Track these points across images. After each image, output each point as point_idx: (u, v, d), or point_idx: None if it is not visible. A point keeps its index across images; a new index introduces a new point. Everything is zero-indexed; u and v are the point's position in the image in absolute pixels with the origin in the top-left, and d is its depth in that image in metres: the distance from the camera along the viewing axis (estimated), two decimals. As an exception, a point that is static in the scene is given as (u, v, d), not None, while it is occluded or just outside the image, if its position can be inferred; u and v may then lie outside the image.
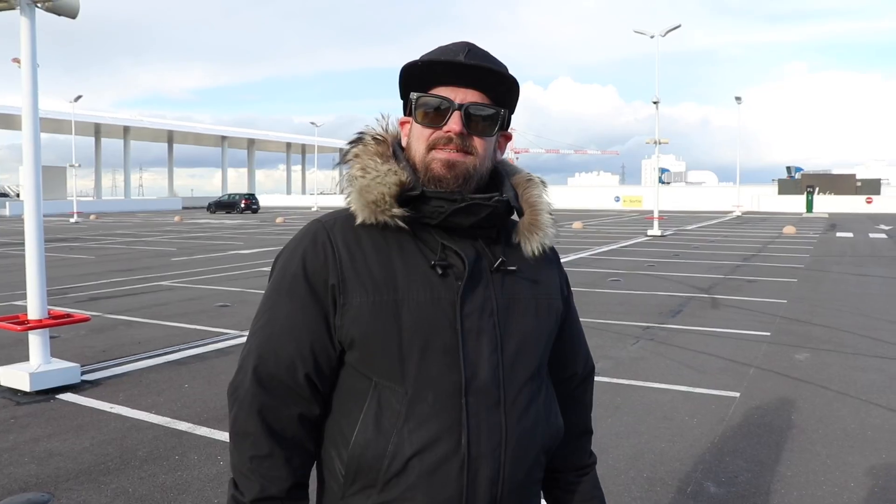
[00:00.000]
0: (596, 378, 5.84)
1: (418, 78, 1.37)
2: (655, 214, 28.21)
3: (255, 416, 1.33)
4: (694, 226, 33.90)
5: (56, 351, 7.00)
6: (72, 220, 40.25)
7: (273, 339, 1.35)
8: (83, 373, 6.50)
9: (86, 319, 6.84)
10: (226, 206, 56.44)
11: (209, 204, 57.97)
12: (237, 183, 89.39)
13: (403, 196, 1.33)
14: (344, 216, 1.38)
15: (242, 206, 55.44)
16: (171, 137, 73.39)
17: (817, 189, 56.06)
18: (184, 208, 65.50)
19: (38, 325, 6.17)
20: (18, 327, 6.15)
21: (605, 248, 20.76)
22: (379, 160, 1.36)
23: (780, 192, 61.59)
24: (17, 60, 6.34)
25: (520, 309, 1.38)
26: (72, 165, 46.58)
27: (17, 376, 6.08)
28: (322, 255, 1.34)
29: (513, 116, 1.46)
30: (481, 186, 1.39)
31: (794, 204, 54.59)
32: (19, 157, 61.57)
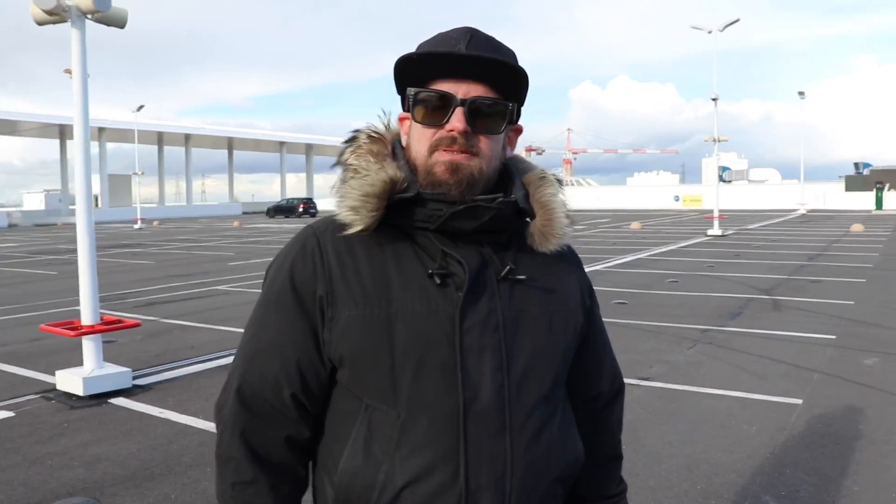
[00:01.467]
0: (650, 384, 5.59)
1: (416, 71, 1.23)
2: (715, 214, 27.51)
3: (237, 438, 1.23)
4: (756, 225, 32.99)
5: (112, 355, 7.12)
6: (136, 226, 41.38)
7: (258, 355, 1.25)
8: (135, 377, 6.58)
9: (137, 325, 6.93)
10: (284, 210, 57.22)
11: (268, 209, 58.87)
12: (296, 187, 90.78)
13: (396, 198, 1.20)
14: (338, 221, 1.26)
15: (301, 210, 56.10)
16: (230, 144, 74.84)
17: (887, 185, 53.88)
18: (244, 213, 66.72)
19: (91, 330, 6.27)
20: (72, 333, 6.26)
21: (663, 249, 20.30)
22: (372, 159, 1.24)
23: (848, 188, 59.39)
24: (68, 71, 6.46)
25: (531, 323, 1.24)
26: (135, 173, 47.92)
27: (71, 381, 6.18)
28: (311, 265, 1.23)
29: (523, 108, 1.31)
30: (489, 187, 1.26)
31: (863, 201, 52.62)
32: (91, 167, 63.64)
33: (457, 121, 1.19)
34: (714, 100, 28.16)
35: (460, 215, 1.20)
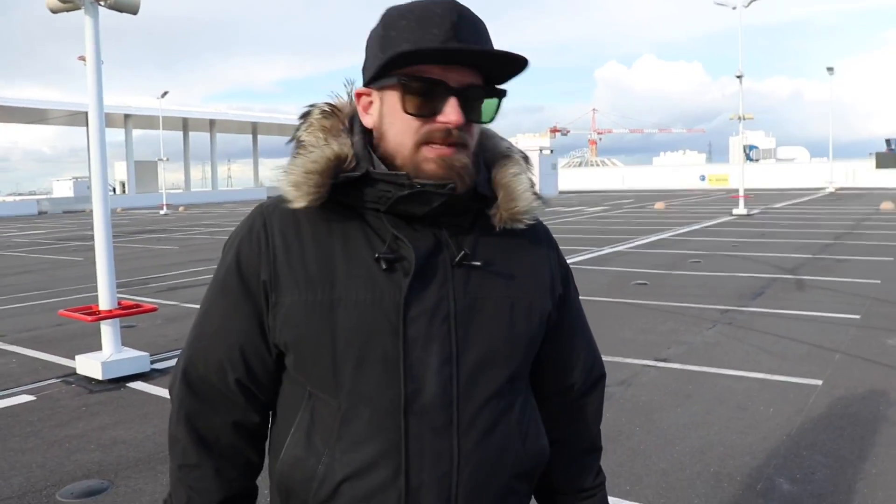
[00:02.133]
0: (667, 365, 5.51)
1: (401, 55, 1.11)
2: (741, 193, 27.15)
3: (183, 421, 1.21)
4: (782, 204, 32.52)
5: (131, 340, 7.20)
6: (161, 211, 41.79)
7: (203, 338, 1.22)
8: (153, 361, 6.64)
9: (153, 310, 6.99)
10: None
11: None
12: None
13: (342, 177, 1.13)
14: (284, 199, 1.19)
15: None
16: (255, 129, 75.15)
17: (919, 162, 52.87)
18: (269, 198, 67.13)
19: (109, 315, 6.33)
20: (89, 318, 6.33)
21: (687, 229, 20.08)
22: (322, 136, 1.16)
23: (878, 166, 58.25)
24: (82, 58, 6.49)
25: (487, 311, 1.17)
26: (161, 159, 48.33)
27: (90, 365, 6.26)
28: (256, 246, 1.18)
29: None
30: None
31: (894, 178, 51.66)
32: (117, 154, 64.55)
33: (454, 114, 1.10)
34: (739, 77, 27.70)
35: (408, 199, 1.12)
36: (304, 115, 1.21)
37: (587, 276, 11.48)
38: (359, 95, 1.20)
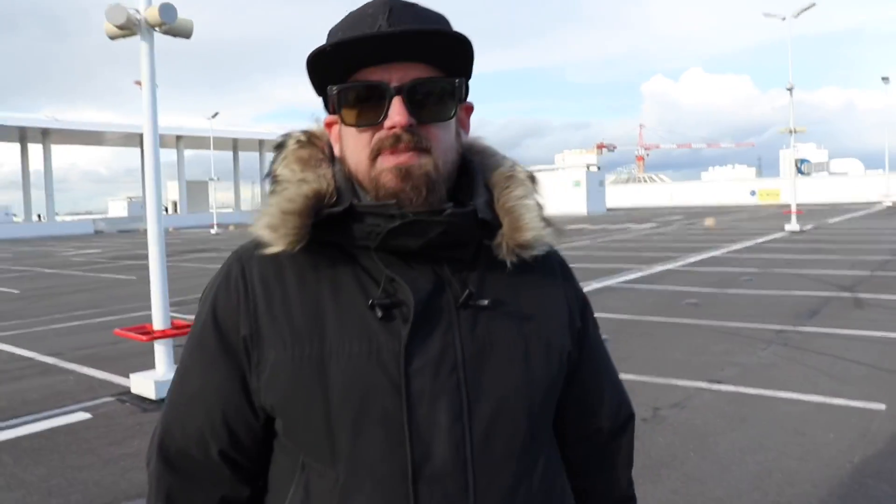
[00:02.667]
0: (721, 387, 5.37)
1: (334, 64, 1.01)
2: (793, 208, 26.58)
3: (163, 501, 1.07)
4: (836, 219, 31.74)
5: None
6: (212, 231, 42.58)
7: (181, 405, 1.08)
8: (205, 380, 6.73)
9: (206, 329, 7.09)
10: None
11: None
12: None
13: (324, 213, 1.01)
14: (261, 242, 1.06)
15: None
16: (302, 148, 76.39)
17: (981, 174, 51.09)
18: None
19: (162, 335, 6.44)
20: (144, 337, 6.45)
21: (737, 246, 19.71)
22: (299, 168, 1.04)
23: (938, 179, 56.52)
24: (138, 83, 6.66)
25: (500, 357, 1.02)
26: (211, 179, 49.36)
27: (144, 384, 6.37)
28: (234, 297, 1.04)
29: (471, 83, 1.09)
30: (449, 187, 1.06)
31: (955, 191, 50.03)
32: (169, 174, 66.05)
33: (397, 115, 0.98)
34: (789, 89, 27.22)
35: (400, 232, 0.99)
36: (279, 146, 1.10)
37: (637, 296, 11.33)
38: (328, 125, 1.10)
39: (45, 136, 53.56)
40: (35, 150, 56.30)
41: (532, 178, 1.11)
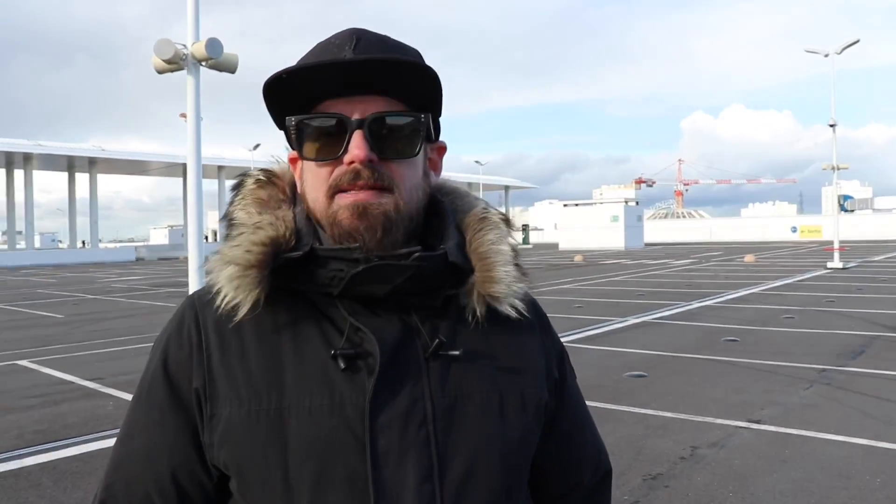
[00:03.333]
0: (761, 427, 5.29)
1: (295, 94, 0.96)
2: (836, 245, 26.08)
3: None
4: (881, 256, 31.05)
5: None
6: (251, 259, 43.06)
7: (126, 463, 1.00)
8: (240, 408, 6.79)
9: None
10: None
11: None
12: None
13: (282, 258, 0.94)
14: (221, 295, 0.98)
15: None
16: (340, 180, 77.28)
17: None
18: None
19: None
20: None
21: (778, 283, 19.37)
22: (256, 210, 0.98)
23: None
24: (184, 115, 6.85)
25: (473, 410, 0.96)
26: (251, 209, 50.06)
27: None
28: (186, 346, 0.97)
29: (440, 121, 1.05)
30: (414, 231, 1.00)
31: None
32: (210, 203, 67.23)
33: (356, 148, 0.92)
34: (832, 126, 26.87)
35: (365, 277, 0.93)
36: (237, 186, 1.05)
37: (675, 332, 11.18)
38: (292, 161, 1.05)
39: (92, 165, 54.97)
40: (82, 178, 57.81)
41: (506, 221, 1.06)
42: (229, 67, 6.81)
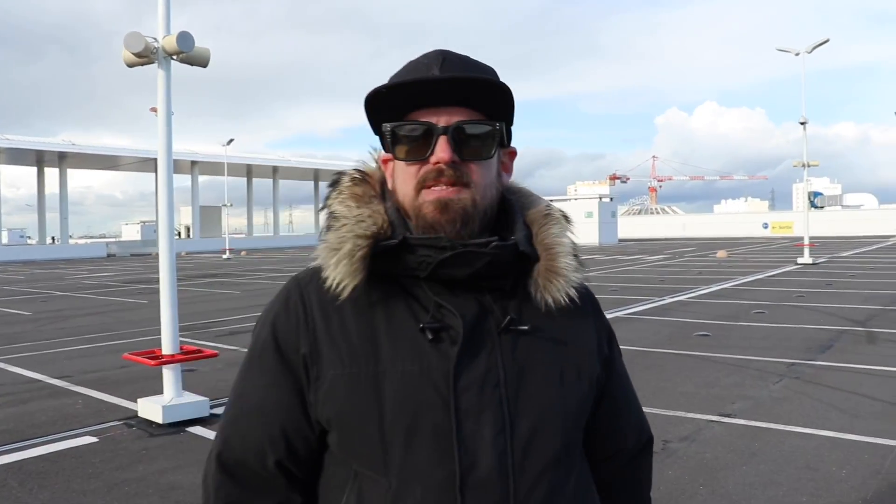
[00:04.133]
0: (731, 420, 5.36)
1: (390, 105, 1.13)
2: (806, 241, 26.45)
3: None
4: (850, 252, 31.53)
5: (192, 384, 7.31)
6: (224, 256, 42.76)
7: (240, 419, 1.17)
8: (212, 406, 6.71)
9: (214, 355, 7.09)
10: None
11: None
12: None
13: (380, 246, 1.10)
14: (324, 276, 1.15)
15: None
16: (317, 176, 76.74)
17: None
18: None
19: (171, 360, 6.45)
20: (152, 362, 6.45)
21: (750, 278, 19.60)
22: (354, 204, 1.14)
23: (953, 213, 56.20)
24: (154, 109, 6.75)
25: (538, 378, 1.12)
26: (225, 205, 49.65)
27: (151, 409, 6.36)
28: (294, 319, 1.14)
29: (513, 129, 1.21)
30: (487, 224, 1.16)
31: (970, 227, 49.69)
32: (183, 199, 66.59)
33: (441, 151, 1.09)
34: (803, 124, 27.22)
35: (450, 262, 1.09)
36: (334, 183, 1.20)
37: (648, 327, 11.27)
38: (384, 162, 1.20)
39: (62, 159, 54.18)
40: (51, 173, 56.93)
41: (566, 218, 1.22)
42: (201, 61, 6.71)
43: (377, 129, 1.17)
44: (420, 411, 1.06)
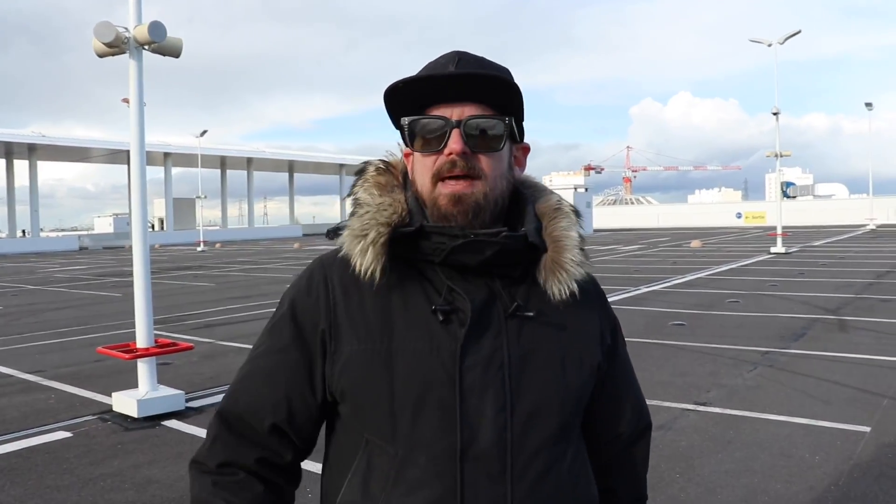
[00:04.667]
0: (707, 409, 5.40)
1: (409, 101, 1.21)
2: (779, 231, 26.78)
3: (209, 449, 1.25)
4: (821, 241, 31.98)
5: (167, 378, 7.24)
6: (199, 248, 42.38)
7: (248, 379, 1.26)
8: (188, 400, 6.66)
9: (189, 348, 7.04)
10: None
11: (328, 230, 58.90)
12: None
13: (399, 232, 1.19)
14: (347, 258, 1.23)
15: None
16: (291, 167, 76.30)
17: (963, 199, 51.71)
18: (304, 235, 67.51)
19: (145, 353, 6.38)
20: (126, 356, 6.38)
21: (723, 268, 19.80)
22: (377, 192, 1.23)
23: (921, 203, 57.10)
24: (126, 100, 6.65)
25: (540, 361, 1.20)
26: (199, 197, 49.19)
27: (126, 403, 6.30)
28: (315, 297, 1.23)
29: (524, 124, 1.28)
30: (499, 214, 1.23)
31: (937, 216, 50.58)
32: (156, 191, 65.83)
33: (454, 143, 1.16)
34: (775, 114, 27.50)
35: (462, 249, 1.16)
36: (360, 172, 1.28)
37: (623, 317, 11.26)
38: (406, 155, 1.28)
39: (32, 151, 53.25)
40: (21, 165, 55.98)
41: (576, 213, 1.29)
42: (173, 52, 6.62)
43: (397, 124, 1.24)
44: (428, 386, 1.14)
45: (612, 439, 1.38)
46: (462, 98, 1.19)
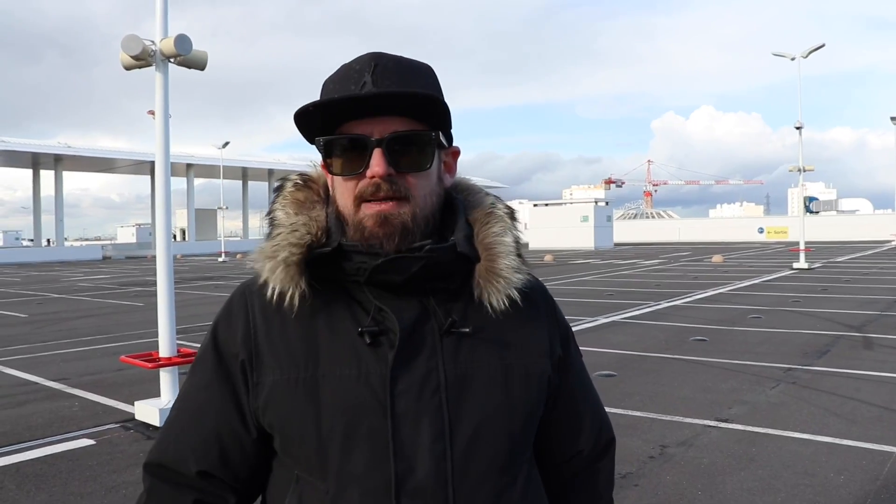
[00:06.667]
0: (729, 425, 5.34)
1: (323, 118, 1.09)
2: (801, 246, 26.50)
3: (145, 495, 1.18)
4: (845, 257, 31.61)
5: (188, 387, 7.28)
6: (220, 259, 42.71)
7: (174, 424, 1.18)
8: (209, 409, 6.70)
9: (212, 357, 7.08)
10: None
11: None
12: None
13: (315, 253, 1.09)
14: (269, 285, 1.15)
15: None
16: (311, 179, 76.70)
17: None
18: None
19: (168, 363, 6.43)
20: (149, 365, 6.44)
21: (745, 283, 19.63)
22: (293, 211, 1.13)
23: (947, 219, 56.32)
24: (151, 112, 6.74)
25: (481, 381, 1.09)
26: (220, 207, 49.60)
27: (148, 411, 6.35)
28: (235, 325, 1.14)
29: (451, 130, 1.18)
30: (431, 228, 1.13)
31: (964, 232, 49.80)
32: (178, 202, 66.45)
33: (376, 165, 1.06)
34: (798, 128, 27.29)
35: (385, 268, 1.07)
36: (278, 189, 1.18)
37: (644, 331, 11.27)
38: (325, 168, 1.17)
39: (58, 162, 54.02)
40: (47, 176, 56.80)
41: (511, 215, 1.19)
42: (198, 64, 6.71)
43: (311, 141, 1.13)
44: (357, 415, 1.05)
45: (571, 458, 1.27)
46: (382, 112, 1.07)
